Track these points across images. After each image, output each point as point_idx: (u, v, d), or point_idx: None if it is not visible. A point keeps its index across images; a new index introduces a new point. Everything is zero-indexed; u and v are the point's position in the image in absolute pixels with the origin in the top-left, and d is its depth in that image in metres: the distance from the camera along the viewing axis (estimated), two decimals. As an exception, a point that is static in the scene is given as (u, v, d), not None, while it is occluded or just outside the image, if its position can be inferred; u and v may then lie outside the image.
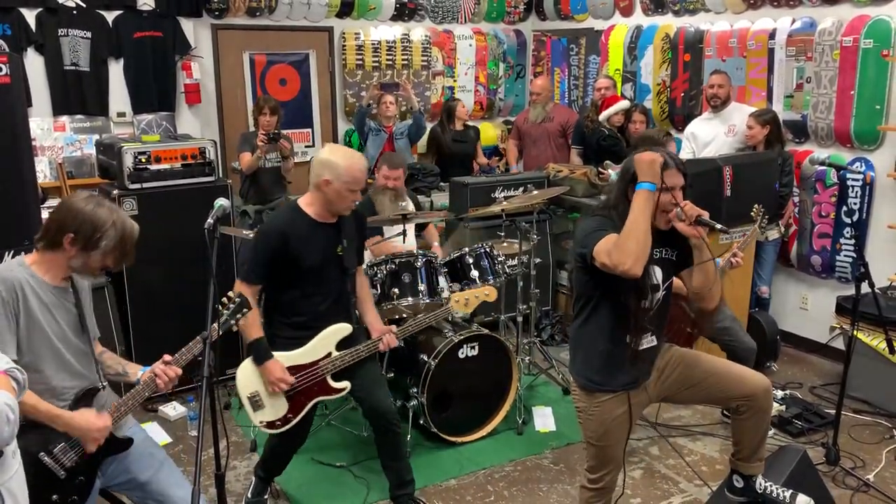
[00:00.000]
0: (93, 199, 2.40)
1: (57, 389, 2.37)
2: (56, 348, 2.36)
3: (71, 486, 2.36)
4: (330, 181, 2.99)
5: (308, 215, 3.09)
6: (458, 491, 3.61)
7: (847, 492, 3.52)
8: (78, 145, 5.55)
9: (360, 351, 3.21)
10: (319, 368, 3.14)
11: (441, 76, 7.02)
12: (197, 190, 4.36)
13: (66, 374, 2.39)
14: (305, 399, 3.16)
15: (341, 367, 3.17)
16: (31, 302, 2.30)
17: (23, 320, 2.29)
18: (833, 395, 4.39)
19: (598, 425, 2.65)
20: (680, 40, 5.84)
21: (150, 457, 2.57)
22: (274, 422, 3.12)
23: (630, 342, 2.55)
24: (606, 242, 2.40)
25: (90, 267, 2.40)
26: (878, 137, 4.69)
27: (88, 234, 2.33)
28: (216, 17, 6.02)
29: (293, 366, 3.11)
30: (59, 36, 5.41)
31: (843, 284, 4.96)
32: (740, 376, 2.70)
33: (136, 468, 2.52)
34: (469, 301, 3.55)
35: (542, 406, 4.39)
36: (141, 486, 2.53)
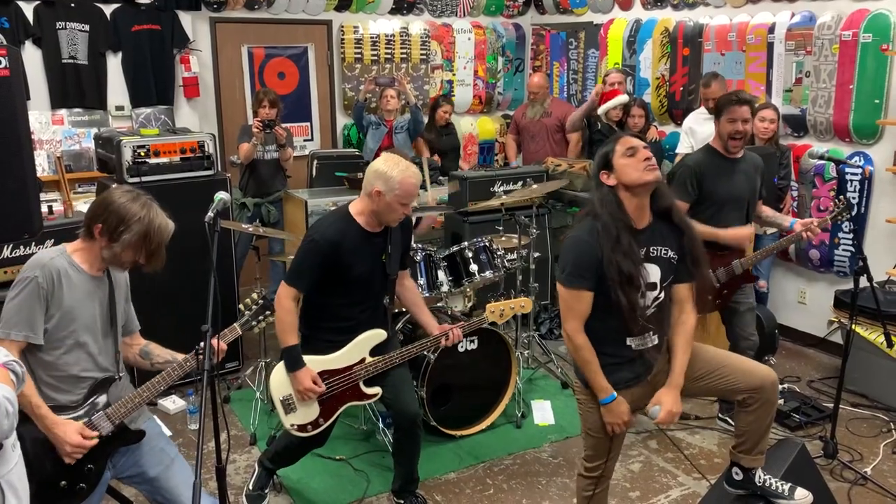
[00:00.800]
0: (130, 194, 2.42)
1: (76, 378, 2.39)
2: (83, 338, 2.38)
3: (80, 473, 2.38)
4: (382, 192, 2.94)
5: (359, 225, 3.05)
6: (457, 484, 3.63)
7: (845, 485, 3.54)
8: (76, 139, 5.54)
9: (395, 357, 3.18)
10: (353, 373, 3.12)
11: (440, 70, 7.01)
12: (196, 184, 4.36)
13: (88, 364, 2.41)
14: (337, 404, 3.14)
15: (374, 373, 3.14)
16: (66, 291, 2.33)
17: (55, 308, 2.32)
18: (831, 388, 4.40)
19: (598, 418, 2.66)
20: (679, 34, 5.84)
21: (162, 452, 2.57)
22: (305, 425, 3.10)
23: (630, 343, 2.56)
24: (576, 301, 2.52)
25: (118, 259, 2.41)
26: (877, 132, 4.69)
27: (113, 226, 2.36)
28: (214, 11, 6.00)
29: (327, 370, 3.09)
30: (57, 29, 5.39)
31: (842, 278, 4.97)
32: (748, 369, 2.69)
33: (147, 463, 2.53)
34: (504, 312, 3.42)
35: (541, 400, 4.40)
36: (150, 480, 2.54)
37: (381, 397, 3.24)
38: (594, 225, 2.51)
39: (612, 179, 2.52)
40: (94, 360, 2.42)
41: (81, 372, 2.40)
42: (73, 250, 2.43)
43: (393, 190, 2.93)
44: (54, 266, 2.33)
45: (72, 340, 2.37)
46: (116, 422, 2.40)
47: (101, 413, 2.39)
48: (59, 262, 2.36)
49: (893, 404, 4.22)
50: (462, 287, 4.14)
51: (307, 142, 6.60)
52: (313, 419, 3.11)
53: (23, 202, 2.77)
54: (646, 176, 2.47)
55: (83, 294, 2.38)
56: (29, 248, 3.75)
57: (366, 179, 3.01)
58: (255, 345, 4.55)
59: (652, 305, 2.57)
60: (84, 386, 2.41)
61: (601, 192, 2.54)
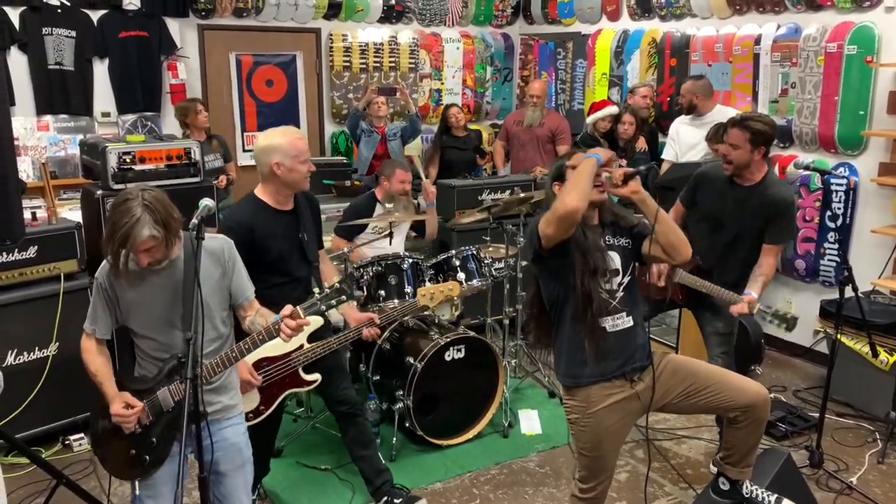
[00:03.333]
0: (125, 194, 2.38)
1: (153, 359, 2.50)
2: (151, 328, 2.47)
3: (146, 445, 2.46)
4: (280, 162, 2.99)
5: (269, 205, 3.09)
6: (443, 494, 3.60)
7: (830, 495, 3.54)
8: (62, 145, 5.50)
9: (333, 342, 3.20)
10: (292, 360, 3.12)
11: (428, 79, 7.02)
12: (182, 191, 4.32)
13: (159, 350, 2.48)
14: (277, 391, 3.14)
15: (313, 358, 3.15)
16: (127, 287, 2.44)
17: (121, 302, 2.46)
18: (817, 398, 4.42)
19: (592, 436, 2.64)
20: (666, 45, 5.88)
21: (239, 452, 2.60)
22: (247, 414, 3.04)
23: (605, 325, 2.58)
24: (547, 212, 2.52)
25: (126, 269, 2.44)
26: (862, 143, 4.73)
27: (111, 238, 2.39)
28: (202, 18, 5.99)
29: (266, 357, 3.07)
30: (43, 35, 5.37)
31: (827, 288, 5.00)
32: (740, 387, 2.68)
33: (222, 456, 2.53)
34: (434, 296, 3.52)
35: (528, 409, 4.38)
36: (216, 474, 2.54)
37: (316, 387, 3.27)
38: None
39: None
40: (163, 345, 2.47)
41: (157, 354, 2.48)
42: None
43: (287, 153, 2.99)
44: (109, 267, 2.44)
45: (140, 329, 2.47)
46: (177, 398, 2.44)
47: (165, 388, 2.45)
48: None
49: (879, 414, 4.24)
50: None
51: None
52: (254, 408, 3.09)
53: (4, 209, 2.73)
54: (594, 196, 2.55)
55: (147, 287, 2.44)
56: (12, 255, 3.72)
57: (259, 162, 3.05)
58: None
59: (620, 289, 2.63)
60: (160, 366, 2.48)
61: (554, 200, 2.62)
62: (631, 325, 2.65)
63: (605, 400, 2.61)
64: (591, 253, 2.54)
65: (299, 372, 3.15)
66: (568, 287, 2.57)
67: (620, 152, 5.53)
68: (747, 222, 3.37)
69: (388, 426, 3.97)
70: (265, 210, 3.08)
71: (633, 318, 2.66)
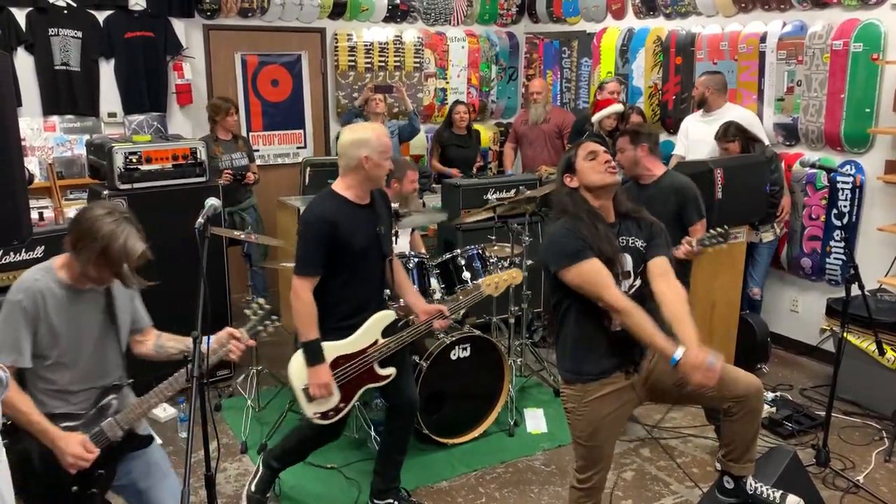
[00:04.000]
0: (104, 210, 2.34)
1: (68, 392, 2.37)
2: (71, 354, 2.36)
3: (91, 478, 2.38)
4: (369, 156, 2.99)
5: (348, 199, 3.07)
6: (449, 493, 3.61)
7: (837, 493, 3.53)
8: (68, 145, 5.52)
9: (406, 336, 3.22)
10: (368, 356, 3.14)
11: (433, 78, 7.02)
12: (188, 191, 4.35)
13: (79, 377, 2.38)
14: (355, 387, 3.15)
15: (387, 353, 3.17)
16: (52, 310, 2.30)
17: (42, 328, 2.30)
18: (823, 396, 4.41)
19: (586, 425, 2.66)
20: (671, 43, 5.86)
21: (155, 466, 2.55)
22: (327, 412, 3.10)
23: (613, 327, 2.58)
24: (597, 274, 2.49)
25: (86, 274, 2.35)
26: (868, 140, 4.71)
27: (76, 240, 2.32)
28: (208, 18, 6.00)
29: (342, 355, 3.10)
30: (49, 35, 5.38)
31: (833, 287, 4.98)
32: (733, 377, 2.70)
33: (138, 474, 2.51)
34: (499, 284, 3.54)
35: (534, 408, 4.39)
36: (139, 492, 2.52)
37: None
38: (567, 223, 2.61)
39: (575, 182, 2.66)
40: (86, 372, 2.39)
41: (71, 385, 2.38)
42: (60, 266, 2.39)
43: (375, 149, 3.00)
44: (37, 288, 2.30)
45: (61, 357, 2.34)
46: (126, 427, 2.40)
47: (110, 420, 2.39)
48: (44, 282, 2.33)
49: (885, 412, 4.22)
50: (454, 294, 4.13)
51: (300, 149, 6.60)
52: (335, 405, 3.11)
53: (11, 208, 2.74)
54: (606, 178, 2.60)
55: (75, 311, 2.35)
56: (19, 255, 3.73)
57: (345, 156, 3.04)
58: (247, 352, 4.50)
59: (630, 293, 2.61)
60: (76, 401, 2.39)
61: (566, 193, 2.67)
62: None
63: (601, 390, 2.63)
64: (609, 261, 2.52)
65: (374, 367, 3.17)
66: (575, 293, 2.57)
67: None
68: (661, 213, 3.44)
69: (393, 425, 3.97)
70: (346, 205, 3.05)
71: None
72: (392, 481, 3.42)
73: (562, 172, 2.71)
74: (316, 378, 3.03)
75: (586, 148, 2.66)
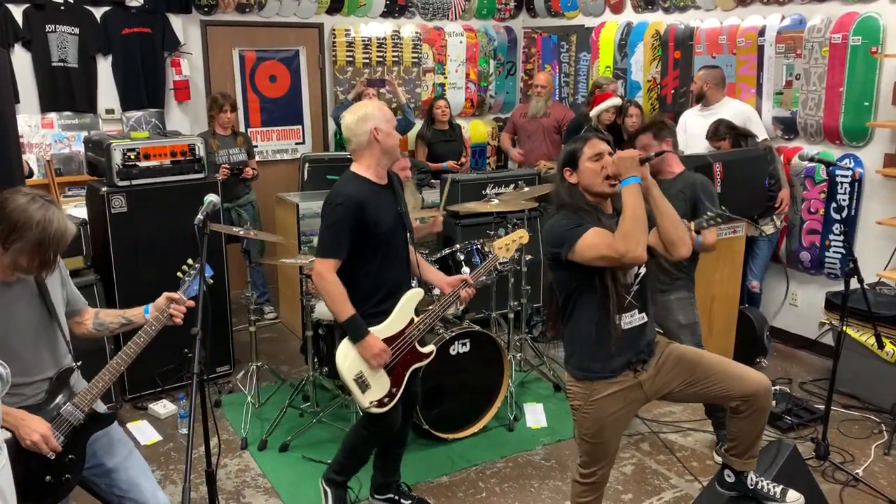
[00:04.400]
0: (26, 197, 2.26)
1: (18, 386, 2.31)
2: (10, 348, 2.30)
3: (63, 465, 2.37)
4: (378, 127, 2.96)
5: (370, 180, 3.01)
6: (449, 488, 3.61)
7: (836, 486, 3.54)
8: (66, 142, 5.51)
9: (437, 310, 3.18)
10: (407, 336, 3.11)
11: (431, 73, 7.01)
12: (186, 187, 4.35)
13: (24, 369, 2.32)
14: (403, 369, 3.11)
15: (425, 331, 3.15)
16: None
17: None
18: (822, 390, 4.42)
19: (593, 422, 2.65)
20: (670, 37, 5.86)
21: (120, 443, 2.54)
22: (383, 399, 3.05)
23: (620, 321, 2.56)
24: (599, 236, 2.46)
25: (17, 267, 2.28)
26: (867, 134, 4.71)
27: (6, 233, 2.22)
28: (205, 14, 5.99)
29: (385, 338, 3.05)
30: (46, 32, 5.37)
31: (832, 280, 4.99)
32: (742, 376, 2.68)
33: (103, 454, 2.49)
34: (509, 246, 3.50)
35: (534, 402, 4.39)
36: (108, 472, 2.50)
37: None
38: (567, 214, 2.59)
39: (574, 178, 2.62)
40: (31, 364, 2.35)
41: (31, 377, 2.35)
42: None
43: (380, 119, 2.98)
44: None
45: (4, 351, 2.26)
46: (86, 409, 2.38)
47: (68, 405, 2.37)
48: None
49: (884, 405, 4.23)
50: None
51: (298, 145, 6.59)
52: (388, 391, 3.07)
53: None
54: (605, 190, 2.58)
55: (2, 305, 2.30)
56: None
57: (355, 136, 2.99)
58: (246, 348, 4.53)
59: (636, 282, 2.60)
60: (33, 389, 2.36)
61: (565, 187, 2.64)
62: (644, 322, 2.65)
63: (608, 388, 2.61)
64: None
65: (416, 346, 3.14)
66: (585, 282, 2.55)
67: (627, 145, 5.51)
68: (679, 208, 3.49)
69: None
70: (370, 185, 3.00)
71: (646, 315, 2.65)
72: (392, 475, 3.43)
73: (563, 165, 2.65)
74: (369, 350, 2.96)
75: (594, 147, 2.60)
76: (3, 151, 2.49)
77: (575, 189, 2.62)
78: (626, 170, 2.49)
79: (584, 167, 2.59)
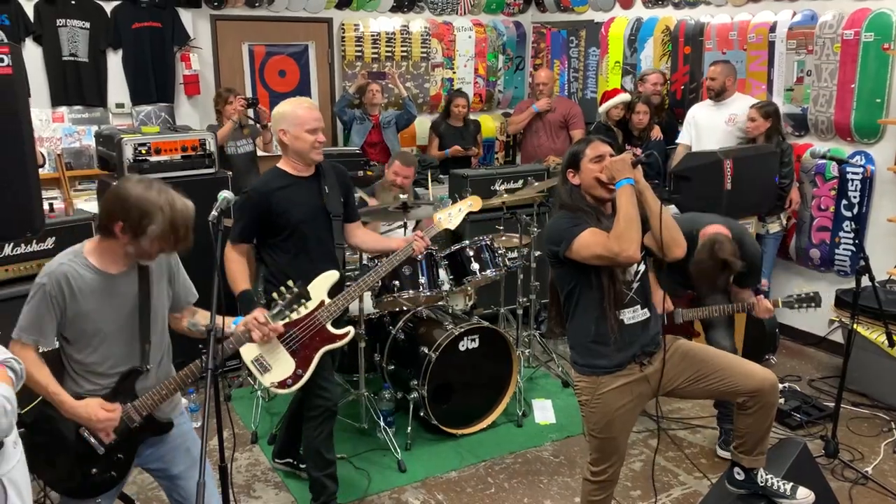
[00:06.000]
0: (143, 184, 2.31)
1: (102, 374, 2.39)
2: (105, 338, 2.36)
3: (110, 462, 2.41)
4: (285, 130, 3.07)
5: (287, 172, 3.16)
6: (458, 483, 3.63)
7: (846, 484, 3.54)
8: (77, 136, 5.53)
9: (353, 291, 3.17)
10: (315, 318, 3.05)
11: (440, 68, 7.00)
12: (197, 182, 4.35)
13: (113, 361, 2.39)
14: (311, 352, 3.07)
15: (337, 313, 3.10)
16: (78, 294, 2.29)
17: (70, 312, 2.30)
18: (832, 388, 4.41)
19: (600, 417, 2.66)
20: (680, 33, 5.83)
21: (187, 452, 2.56)
22: (285, 380, 3.03)
23: (622, 316, 2.60)
24: (594, 235, 2.52)
25: (146, 253, 2.33)
26: (879, 131, 4.69)
27: (136, 221, 2.25)
28: (215, 8, 5.99)
29: (289, 321, 2.96)
30: (57, 26, 5.39)
31: (842, 278, 4.97)
32: (747, 372, 2.69)
33: (171, 459, 2.53)
34: (453, 215, 3.51)
35: (542, 398, 4.40)
36: (171, 478, 2.55)
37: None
38: (567, 213, 2.63)
39: (577, 179, 2.66)
40: (119, 357, 2.39)
41: (109, 369, 2.39)
42: (90, 250, 2.36)
43: (291, 123, 3.06)
44: (62, 272, 2.29)
45: (95, 340, 2.35)
46: (144, 413, 2.41)
47: (128, 405, 2.39)
48: (69, 266, 2.31)
49: (894, 403, 4.22)
50: (463, 286, 4.14)
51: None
52: (291, 372, 3.04)
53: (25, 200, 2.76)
54: (604, 194, 2.61)
55: (100, 295, 2.33)
56: (30, 247, 3.74)
57: (273, 132, 3.16)
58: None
59: (636, 279, 2.64)
60: (107, 380, 2.39)
61: (567, 188, 2.68)
62: (647, 317, 2.67)
63: (615, 382, 2.64)
64: None
65: (327, 328, 3.08)
66: (584, 280, 2.59)
67: (636, 141, 5.51)
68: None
69: (402, 416, 3.99)
70: (284, 177, 3.14)
71: (648, 310, 2.68)
72: (296, 442, 3.49)
73: (566, 166, 2.69)
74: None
75: (596, 149, 2.63)
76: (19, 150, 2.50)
77: (576, 190, 2.66)
78: (619, 172, 2.54)
79: (586, 168, 2.63)
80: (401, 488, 3.57)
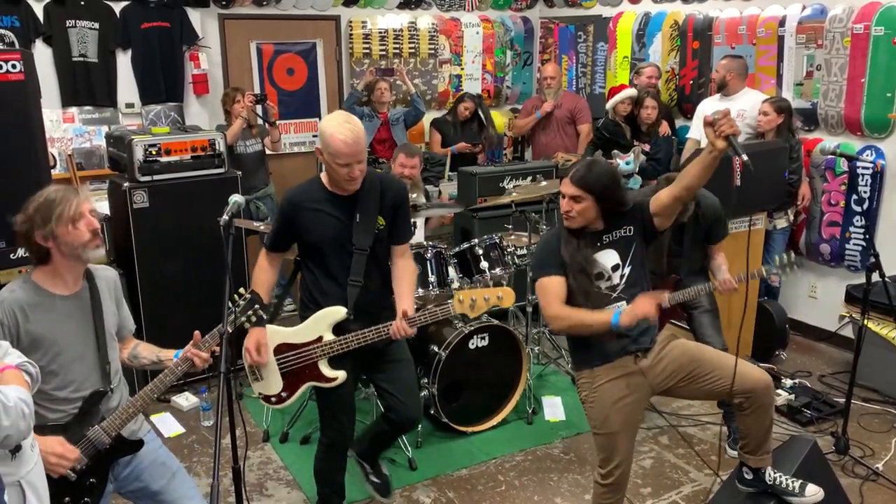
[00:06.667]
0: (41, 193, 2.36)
1: (65, 400, 2.36)
2: (65, 362, 2.34)
3: (83, 488, 2.37)
4: (321, 151, 2.82)
5: (325, 185, 2.92)
6: (469, 480, 3.64)
7: (856, 481, 3.54)
8: (87, 136, 5.56)
9: (350, 340, 2.88)
10: (310, 351, 2.93)
11: (448, 64, 7.00)
12: (206, 182, 4.39)
13: (76, 385, 2.37)
14: (298, 381, 2.99)
15: (331, 354, 2.91)
16: (32, 321, 2.29)
17: (25, 338, 2.28)
18: (842, 383, 4.40)
19: (599, 412, 2.72)
20: (689, 27, 5.81)
21: (163, 466, 2.55)
22: (269, 396, 3.03)
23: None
24: (552, 288, 2.69)
25: (78, 240, 2.32)
26: (889, 125, 4.67)
27: (44, 218, 2.29)
28: (223, 7, 6.01)
29: (285, 343, 2.97)
30: (67, 27, 5.41)
31: (852, 273, 4.96)
32: (742, 373, 2.72)
33: (148, 477, 2.51)
34: (477, 304, 2.86)
35: (552, 396, 4.41)
36: (152, 495, 2.52)
37: (386, 394, 3.06)
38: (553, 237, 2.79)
39: None
40: (80, 381, 2.38)
41: (71, 394, 2.37)
42: (38, 277, 2.37)
43: (327, 148, 2.77)
44: (14, 300, 2.29)
45: (54, 365, 2.33)
46: (113, 434, 2.38)
47: (96, 427, 2.37)
48: (20, 293, 2.31)
49: (905, 399, 4.22)
50: (472, 284, 4.14)
51: (316, 137, 6.60)
52: (276, 392, 3.01)
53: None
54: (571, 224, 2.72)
55: (56, 318, 2.34)
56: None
57: None
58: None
59: (622, 281, 2.71)
60: (66, 406, 2.37)
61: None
62: None
63: (610, 374, 2.70)
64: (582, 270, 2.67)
65: (319, 365, 2.93)
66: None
67: (644, 136, 5.49)
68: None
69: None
70: (320, 191, 2.91)
71: None
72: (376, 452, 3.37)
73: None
74: (247, 339, 2.92)
75: (561, 186, 2.72)
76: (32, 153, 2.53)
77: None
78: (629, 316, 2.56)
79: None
80: (412, 486, 3.59)
